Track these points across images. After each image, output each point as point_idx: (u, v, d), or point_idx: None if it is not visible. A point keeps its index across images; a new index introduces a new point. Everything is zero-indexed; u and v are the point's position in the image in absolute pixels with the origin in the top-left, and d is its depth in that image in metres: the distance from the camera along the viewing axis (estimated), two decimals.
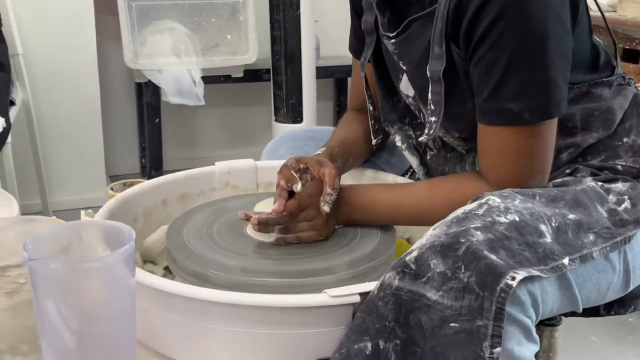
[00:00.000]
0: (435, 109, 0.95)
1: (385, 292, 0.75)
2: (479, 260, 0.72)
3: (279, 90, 2.53)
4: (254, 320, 0.76)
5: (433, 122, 0.96)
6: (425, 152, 1.15)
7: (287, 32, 2.46)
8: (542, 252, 0.77)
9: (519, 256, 0.75)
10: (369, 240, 0.97)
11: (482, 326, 0.70)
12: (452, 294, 0.72)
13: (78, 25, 2.54)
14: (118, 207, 1.03)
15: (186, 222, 1.02)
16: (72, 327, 0.68)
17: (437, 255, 0.74)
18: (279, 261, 0.92)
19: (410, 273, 0.74)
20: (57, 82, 2.54)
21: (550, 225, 0.81)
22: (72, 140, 2.62)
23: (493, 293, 0.70)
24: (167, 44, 2.58)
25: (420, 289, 0.73)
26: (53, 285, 0.68)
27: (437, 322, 0.71)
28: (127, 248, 0.70)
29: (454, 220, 0.79)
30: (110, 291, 0.71)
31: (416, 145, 1.15)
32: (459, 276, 0.72)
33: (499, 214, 0.79)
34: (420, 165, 1.16)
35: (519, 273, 0.72)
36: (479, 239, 0.74)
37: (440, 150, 1.12)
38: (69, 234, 0.77)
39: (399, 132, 1.15)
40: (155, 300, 0.80)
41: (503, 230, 0.77)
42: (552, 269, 0.77)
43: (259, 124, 3.11)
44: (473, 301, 0.71)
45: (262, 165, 1.22)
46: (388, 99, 1.14)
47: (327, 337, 0.77)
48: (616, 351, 1.79)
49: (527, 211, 0.81)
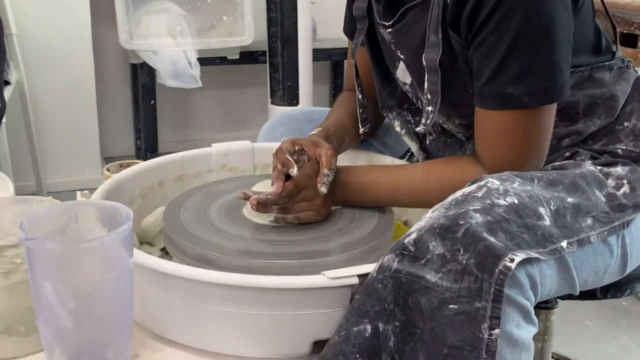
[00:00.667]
0: (432, 98, 0.95)
1: (385, 275, 0.75)
2: (477, 242, 0.72)
3: (275, 73, 2.52)
4: (252, 302, 0.76)
5: (430, 112, 0.95)
6: (425, 137, 1.14)
7: (284, 13, 2.44)
8: (541, 234, 0.77)
9: (517, 238, 0.75)
10: (367, 223, 0.97)
11: (481, 308, 0.70)
12: (451, 275, 0.72)
13: (72, 5, 2.52)
14: (114, 188, 1.02)
15: (183, 204, 1.02)
16: (69, 307, 0.68)
17: (436, 237, 0.74)
18: (277, 243, 0.92)
19: (409, 255, 0.74)
20: (51, 62, 2.52)
21: (549, 208, 0.81)
22: (67, 122, 2.61)
23: (492, 275, 0.70)
24: (162, 24, 2.56)
25: (419, 271, 0.73)
26: (50, 265, 0.68)
27: (436, 304, 0.71)
28: (125, 228, 0.69)
29: (452, 203, 0.79)
30: (108, 271, 0.70)
31: (415, 130, 1.15)
32: (458, 258, 0.72)
33: (498, 196, 0.79)
34: (420, 150, 1.15)
35: (517, 255, 0.72)
36: (478, 221, 0.74)
37: (440, 136, 1.12)
38: (66, 213, 0.76)
39: (397, 117, 1.14)
40: (153, 281, 0.80)
41: (502, 212, 0.77)
42: (551, 252, 0.77)
43: (255, 106, 3.10)
44: (472, 283, 0.71)
45: (259, 147, 1.22)
46: (385, 84, 1.13)
47: (326, 319, 0.77)
48: (610, 334, 1.80)
49: (526, 194, 0.81)
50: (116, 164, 1.24)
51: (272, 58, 2.52)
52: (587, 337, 1.79)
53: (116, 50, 2.78)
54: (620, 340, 1.78)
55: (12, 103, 2.12)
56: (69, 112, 2.60)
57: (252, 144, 1.22)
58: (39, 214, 0.73)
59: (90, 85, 2.62)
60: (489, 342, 0.69)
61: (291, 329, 0.77)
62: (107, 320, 0.72)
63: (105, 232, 0.73)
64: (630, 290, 1.02)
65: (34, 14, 2.45)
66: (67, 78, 2.56)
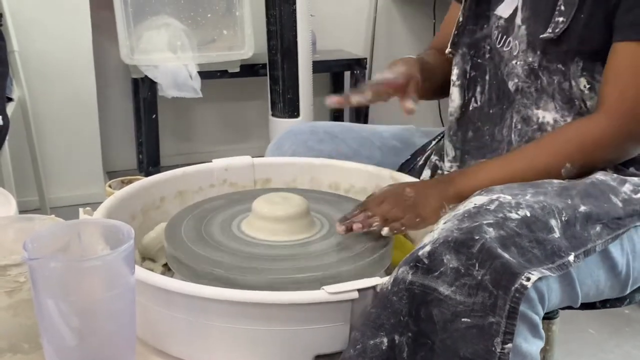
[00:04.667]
0: (565, 9, 0.95)
1: (399, 287, 0.75)
2: (494, 259, 0.73)
3: (276, 85, 2.53)
4: (253, 318, 0.77)
5: (560, 22, 0.96)
6: (470, 100, 1.13)
7: (283, 26, 2.46)
8: (550, 249, 0.78)
9: (528, 254, 0.76)
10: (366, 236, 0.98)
11: (495, 323, 0.71)
12: (465, 290, 0.72)
13: (74, 21, 2.54)
14: (116, 205, 1.03)
15: (184, 220, 1.02)
16: (72, 325, 0.69)
17: (451, 251, 0.75)
18: (277, 258, 0.92)
19: (422, 267, 0.75)
20: (53, 78, 2.54)
21: (560, 219, 0.82)
22: (69, 137, 2.62)
23: (507, 292, 0.71)
24: (163, 39, 2.58)
25: (432, 283, 0.74)
26: (53, 284, 0.68)
27: (448, 317, 0.72)
28: (127, 246, 0.70)
29: (465, 215, 0.79)
30: (110, 289, 0.71)
31: (466, 87, 1.14)
32: (472, 273, 0.73)
33: (510, 209, 0.80)
34: (459, 109, 1.14)
35: (533, 274, 0.73)
36: (492, 236, 0.75)
37: (484, 105, 1.11)
38: (68, 232, 0.77)
39: (459, 61, 1.14)
40: (155, 298, 0.81)
41: (514, 227, 0.78)
42: (559, 267, 0.78)
43: (256, 119, 3.12)
44: (487, 298, 0.72)
45: (259, 162, 1.22)
46: (470, 21, 1.13)
47: (327, 333, 0.78)
48: (613, 343, 1.80)
49: (539, 205, 0.81)
50: (118, 181, 1.25)
51: (272, 71, 2.53)
52: (589, 345, 1.79)
53: (117, 65, 2.80)
54: (623, 349, 1.78)
55: (14, 119, 2.13)
56: (71, 127, 2.61)
57: (252, 159, 1.22)
58: (41, 233, 0.74)
59: (92, 100, 2.63)
60: (501, 355, 0.71)
61: (292, 344, 0.78)
62: (109, 337, 0.73)
63: (108, 250, 0.74)
64: (629, 300, 1.02)
65: (35, 31, 2.47)
66: (69, 93, 2.58)
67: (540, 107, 1.02)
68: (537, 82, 1.02)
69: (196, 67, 2.59)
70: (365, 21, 3.26)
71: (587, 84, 0.98)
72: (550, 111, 1.01)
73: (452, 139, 1.15)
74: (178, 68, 2.55)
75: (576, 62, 0.98)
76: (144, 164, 2.90)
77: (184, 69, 2.56)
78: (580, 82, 0.98)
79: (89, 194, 2.56)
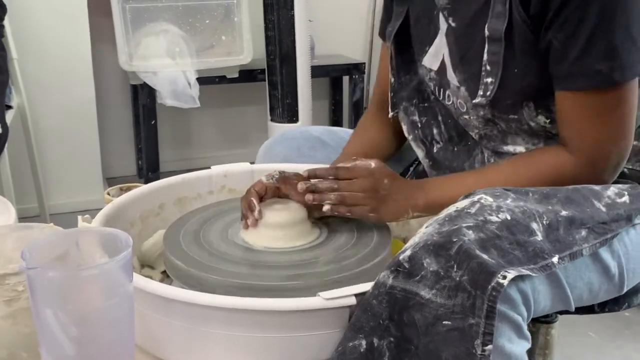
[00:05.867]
0: (491, 69, 0.95)
1: (380, 291, 0.76)
2: (470, 260, 0.73)
3: (274, 90, 2.54)
4: (250, 325, 0.77)
5: (489, 83, 0.95)
6: (432, 144, 1.14)
7: (282, 32, 2.46)
8: (532, 250, 0.78)
9: (509, 255, 0.76)
10: (364, 242, 0.98)
11: (474, 324, 0.71)
12: (445, 292, 0.73)
13: (72, 28, 2.55)
14: (115, 212, 1.03)
15: (183, 227, 1.02)
16: (70, 334, 0.69)
17: (430, 254, 0.75)
18: (275, 265, 0.92)
19: (403, 272, 0.75)
20: (52, 85, 2.54)
21: (541, 223, 0.82)
22: (68, 144, 2.62)
23: (485, 292, 0.71)
24: (161, 45, 2.59)
25: (413, 288, 0.74)
26: (51, 293, 0.69)
27: (430, 320, 0.72)
28: (125, 255, 0.70)
29: (446, 219, 0.80)
30: (109, 298, 0.71)
31: (422, 137, 1.14)
32: (451, 275, 0.73)
33: (490, 212, 0.80)
34: (426, 157, 1.15)
35: (509, 272, 0.73)
36: (471, 238, 0.75)
37: (447, 144, 1.11)
38: (66, 241, 0.77)
39: (404, 115, 1.14)
40: (154, 306, 0.81)
41: (494, 229, 0.78)
42: (542, 268, 0.78)
43: (255, 124, 3.12)
44: (465, 299, 0.72)
45: (258, 169, 1.23)
46: (401, 74, 1.13)
47: (324, 340, 0.78)
48: (613, 345, 1.80)
49: (519, 209, 0.82)
50: (117, 188, 1.25)
51: (271, 76, 2.54)
52: (590, 349, 1.78)
53: (116, 71, 2.81)
54: (624, 352, 1.78)
55: (13, 126, 2.13)
56: (71, 134, 2.62)
57: (251, 165, 1.23)
58: (39, 242, 0.74)
59: (91, 107, 2.64)
60: (481, 357, 0.70)
61: (289, 351, 0.78)
62: (108, 345, 0.73)
63: (106, 259, 0.74)
64: (628, 304, 1.02)
65: (34, 38, 2.48)
66: (68, 100, 2.58)
67: (509, 143, 1.02)
68: (497, 127, 1.02)
69: (195, 74, 2.59)
70: (364, 26, 3.27)
71: (546, 119, 0.98)
72: (519, 144, 1.02)
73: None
74: (176, 75, 2.56)
75: (527, 107, 0.97)
76: (143, 170, 2.90)
77: (182, 76, 2.56)
78: (539, 120, 0.98)
79: (88, 201, 2.56)
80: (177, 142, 3.13)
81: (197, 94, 2.57)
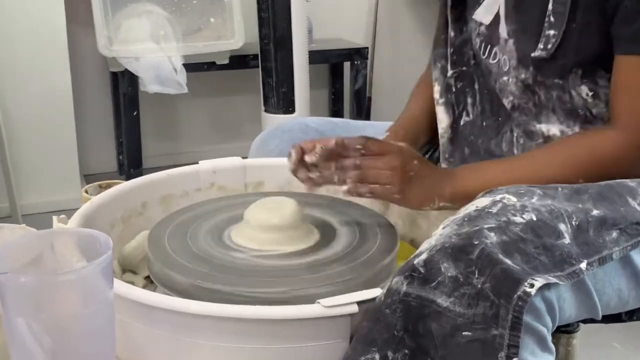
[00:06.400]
0: (555, 21, 0.95)
1: (393, 299, 0.76)
2: (494, 265, 0.73)
3: (269, 78, 2.54)
4: (243, 334, 0.77)
5: (552, 36, 0.96)
6: (461, 115, 1.14)
7: (276, 13, 2.46)
8: (559, 255, 0.78)
9: (534, 261, 0.76)
10: (368, 244, 0.98)
11: (498, 335, 0.71)
12: (464, 300, 0.73)
13: (46, 10, 2.54)
14: (93, 212, 1.03)
15: (168, 227, 1.02)
16: (45, 344, 0.69)
17: (448, 258, 0.75)
18: (270, 270, 0.92)
19: (419, 277, 0.75)
20: (23, 72, 2.54)
21: (570, 223, 0.82)
22: (42, 137, 2.62)
23: (510, 301, 0.71)
24: (144, 28, 2.59)
25: (429, 295, 0.74)
26: (24, 301, 0.69)
27: (448, 331, 0.72)
28: (105, 258, 0.70)
29: (465, 219, 0.80)
30: (87, 305, 0.71)
31: (454, 102, 1.15)
32: (472, 282, 0.73)
33: (514, 212, 0.80)
34: (449, 128, 1.15)
35: (537, 280, 0.73)
36: (493, 241, 0.75)
37: (478, 117, 1.12)
38: (40, 243, 0.77)
39: (440, 76, 1.15)
40: (136, 314, 0.81)
41: (518, 231, 0.78)
42: (569, 275, 0.78)
43: (247, 115, 3.12)
44: (487, 309, 0.72)
45: (250, 164, 1.23)
46: (444, 29, 1.14)
47: (324, 351, 0.78)
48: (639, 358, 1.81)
49: (546, 208, 0.82)
50: (95, 185, 1.25)
51: (264, 62, 2.54)
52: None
53: (95, 57, 2.81)
54: None
55: None
56: (44, 126, 2.61)
57: (243, 160, 1.23)
58: (11, 244, 0.74)
59: (67, 96, 2.64)
60: None
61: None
62: (86, 357, 0.73)
63: (84, 263, 0.74)
64: None
65: (1, 19, 2.47)
66: (41, 89, 2.58)
67: (543, 121, 1.03)
68: (535, 98, 1.03)
69: (181, 59, 2.59)
70: (367, 7, 3.27)
71: (590, 92, 0.99)
72: (554, 124, 1.02)
73: (449, 162, 1.15)
74: (161, 60, 2.56)
75: (574, 73, 0.98)
76: (124, 166, 2.91)
77: (167, 62, 2.56)
78: (581, 91, 0.99)
79: (64, 200, 2.56)
80: (161, 135, 3.13)
81: (184, 80, 2.57)
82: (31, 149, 2.61)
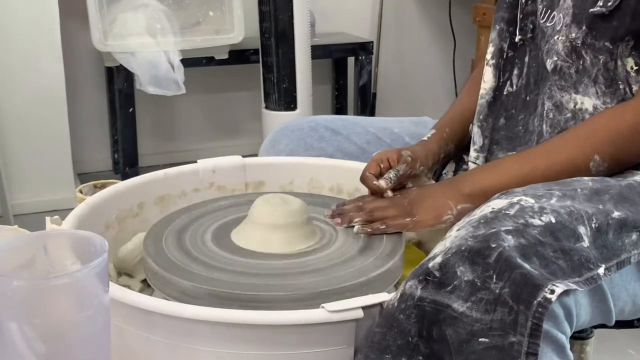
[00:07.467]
0: None
1: (407, 304, 0.76)
2: (512, 270, 0.73)
3: (269, 74, 2.54)
4: (243, 340, 0.77)
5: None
6: (505, 83, 1.15)
7: (278, 6, 2.47)
8: (578, 259, 0.78)
9: (552, 265, 0.76)
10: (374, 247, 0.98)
11: (516, 342, 0.71)
12: (481, 305, 0.73)
13: (38, 3, 2.54)
14: (88, 213, 1.03)
15: (166, 229, 1.03)
16: (38, 350, 0.69)
17: (465, 261, 0.75)
18: (272, 274, 0.92)
19: (434, 281, 0.75)
20: (15, 67, 2.54)
21: (590, 226, 0.82)
22: (35, 135, 2.62)
23: (529, 307, 0.71)
24: (140, 22, 2.59)
25: (445, 299, 0.74)
26: (16, 306, 0.69)
27: (464, 337, 0.72)
28: (100, 261, 0.70)
29: (481, 221, 0.80)
30: (81, 310, 0.71)
31: (503, 67, 1.16)
32: (489, 286, 0.73)
33: (532, 214, 0.80)
34: (491, 91, 1.16)
35: (557, 286, 0.73)
36: (511, 245, 0.75)
37: (520, 90, 1.13)
38: (33, 245, 0.77)
39: (496, 38, 1.16)
40: (133, 319, 0.81)
41: (537, 234, 0.78)
42: (587, 281, 0.78)
43: (247, 112, 3.13)
44: (506, 315, 0.72)
45: (250, 163, 1.23)
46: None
47: (328, 359, 0.78)
48: None
49: (565, 210, 0.82)
50: (89, 185, 1.25)
51: (265, 57, 2.54)
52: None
53: (89, 52, 2.81)
54: None
55: None
56: (37, 124, 2.62)
57: (243, 159, 1.23)
58: (2, 246, 0.74)
59: (61, 93, 2.64)
60: None
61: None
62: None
63: (78, 266, 0.74)
64: None
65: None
66: (34, 85, 2.58)
67: (580, 91, 1.03)
68: (579, 62, 1.02)
69: (178, 54, 2.59)
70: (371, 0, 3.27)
71: (635, 65, 0.99)
72: (590, 96, 1.02)
73: (482, 124, 1.16)
74: (158, 57, 2.56)
75: (626, 41, 0.99)
76: (119, 165, 2.91)
77: (164, 58, 2.56)
78: (627, 63, 0.99)
79: (57, 200, 2.57)
80: (158, 133, 3.13)
81: (181, 79, 2.57)
82: (23, 147, 2.62)
